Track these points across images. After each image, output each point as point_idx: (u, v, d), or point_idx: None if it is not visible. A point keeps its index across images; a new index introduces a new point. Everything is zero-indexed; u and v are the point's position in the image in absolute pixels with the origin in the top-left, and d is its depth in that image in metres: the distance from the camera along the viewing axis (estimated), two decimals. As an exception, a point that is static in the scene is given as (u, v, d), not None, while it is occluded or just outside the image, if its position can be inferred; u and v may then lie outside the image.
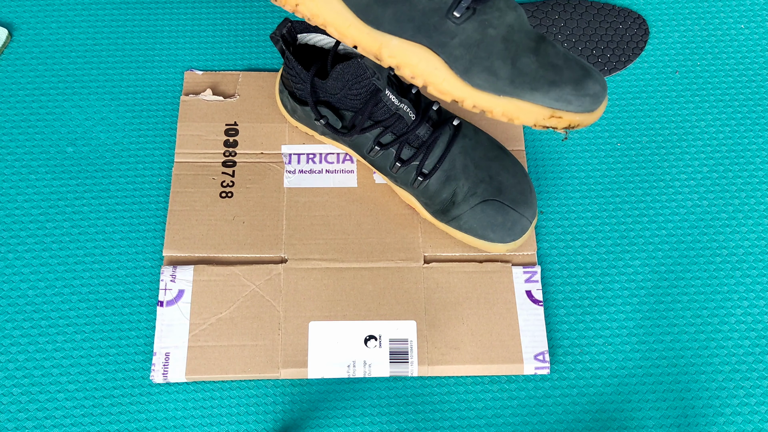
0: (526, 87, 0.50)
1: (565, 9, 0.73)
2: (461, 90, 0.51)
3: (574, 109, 0.51)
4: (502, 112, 0.51)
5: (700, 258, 0.64)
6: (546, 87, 0.50)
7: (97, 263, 0.62)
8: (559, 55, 0.52)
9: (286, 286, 0.60)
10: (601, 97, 0.51)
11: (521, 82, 0.50)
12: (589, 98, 0.51)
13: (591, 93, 0.51)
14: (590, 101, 0.51)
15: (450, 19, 0.50)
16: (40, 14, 0.72)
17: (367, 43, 0.51)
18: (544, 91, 0.50)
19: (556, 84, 0.50)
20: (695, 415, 0.58)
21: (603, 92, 0.52)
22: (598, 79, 0.51)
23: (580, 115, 0.51)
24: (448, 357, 0.58)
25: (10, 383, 0.58)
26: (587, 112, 0.51)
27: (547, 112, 0.51)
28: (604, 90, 0.52)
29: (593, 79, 0.51)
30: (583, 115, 0.51)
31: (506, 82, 0.51)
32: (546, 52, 0.51)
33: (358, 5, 0.51)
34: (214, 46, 0.71)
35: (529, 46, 0.51)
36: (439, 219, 0.61)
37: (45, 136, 0.67)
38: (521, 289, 0.61)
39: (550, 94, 0.50)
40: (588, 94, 0.51)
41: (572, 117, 0.51)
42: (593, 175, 0.67)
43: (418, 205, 0.62)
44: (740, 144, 0.69)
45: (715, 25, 0.74)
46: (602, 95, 0.51)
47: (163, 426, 0.57)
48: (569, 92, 0.50)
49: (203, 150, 0.66)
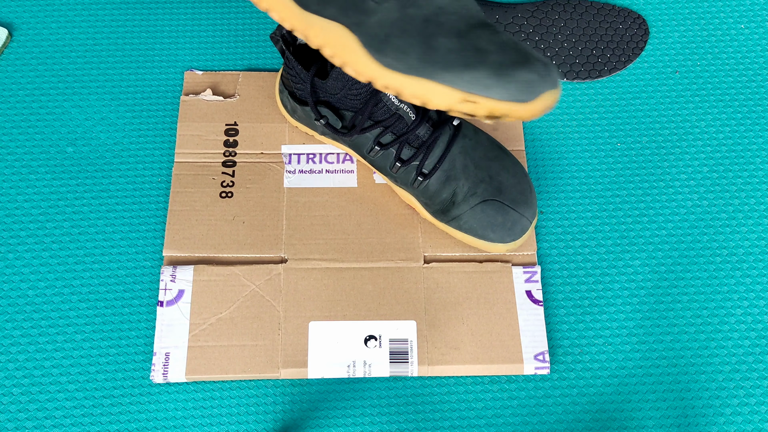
0: (438, 66, 0.49)
1: (565, 9, 0.73)
2: (373, 69, 0.50)
3: (494, 95, 0.48)
4: (412, 92, 0.50)
5: (700, 258, 0.64)
6: (459, 68, 0.48)
7: (97, 263, 0.62)
8: (493, 41, 0.49)
9: (286, 286, 0.60)
10: (538, 87, 0.48)
11: (433, 61, 0.49)
12: (515, 85, 0.47)
13: (519, 80, 0.47)
14: (517, 89, 0.48)
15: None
16: (40, 14, 0.72)
17: (299, 25, 0.52)
18: (457, 72, 0.48)
19: (472, 66, 0.48)
20: (695, 415, 0.58)
21: (541, 82, 0.48)
22: (537, 69, 0.48)
23: (504, 103, 0.48)
24: (448, 357, 0.58)
25: (10, 383, 0.58)
26: (516, 102, 0.48)
27: (459, 95, 0.48)
28: (544, 80, 0.48)
29: (528, 67, 0.48)
30: (510, 105, 0.48)
31: (416, 61, 0.49)
32: (477, 36, 0.49)
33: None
34: (214, 46, 0.71)
35: (456, 29, 0.49)
36: (439, 219, 0.61)
37: (45, 136, 0.67)
38: (521, 289, 0.61)
39: (464, 76, 0.48)
40: (515, 81, 0.47)
41: (492, 104, 0.48)
42: (593, 175, 0.67)
43: (418, 205, 0.62)
44: (740, 144, 0.69)
45: (715, 25, 0.74)
46: (539, 85, 0.48)
47: (163, 426, 0.57)
48: (487, 76, 0.48)
49: (203, 150, 0.66)
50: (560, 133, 0.69)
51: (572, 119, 0.69)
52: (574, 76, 0.71)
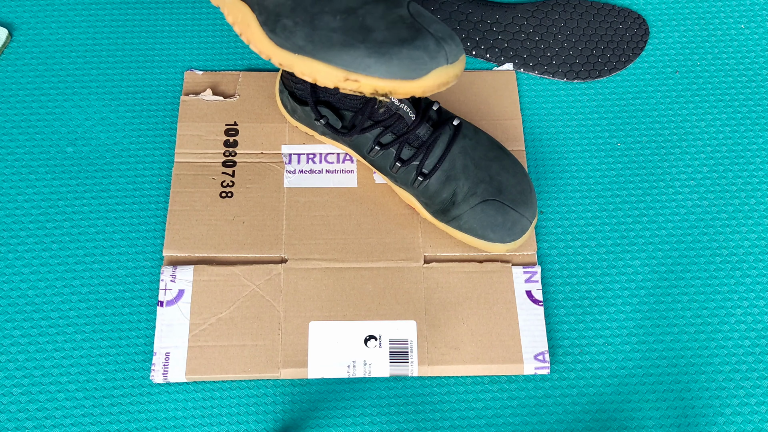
0: (319, 46, 0.49)
1: (565, 9, 0.73)
2: (268, 47, 0.52)
3: (375, 74, 0.48)
4: (301, 71, 0.51)
5: (700, 258, 0.64)
6: (338, 48, 0.49)
7: (97, 263, 0.62)
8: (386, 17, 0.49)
9: (286, 286, 0.60)
10: (426, 64, 0.48)
11: (315, 41, 0.50)
12: (398, 63, 0.47)
13: (403, 58, 0.47)
14: (401, 67, 0.48)
15: None
16: (40, 14, 0.72)
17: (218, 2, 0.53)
18: (336, 52, 0.49)
19: (351, 46, 0.48)
20: (695, 415, 0.58)
21: (428, 60, 0.48)
22: (425, 46, 0.48)
23: (387, 81, 0.48)
24: (448, 357, 0.58)
25: (10, 383, 0.58)
26: (401, 80, 0.48)
27: (341, 74, 0.49)
28: (433, 58, 0.48)
29: (412, 45, 0.48)
30: (394, 83, 0.48)
31: (301, 40, 0.50)
32: (367, 12, 0.50)
33: None
34: (214, 46, 0.71)
35: (346, 6, 0.50)
36: (439, 219, 0.61)
37: (45, 136, 0.67)
38: (521, 289, 0.61)
39: (343, 57, 0.49)
40: (397, 59, 0.47)
41: (374, 82, 0.49)
42: (593, 175, 0.67)
43: (418, 205, 0.62)
44: (740, 144, 0.69)
45: (715, 25, 0.74)
46: (427, 63, 0.48)
47: (163, 426, 0.57)
48: (366, 55, 0.48)
49: (203, 150, 0.66)
50: (560, 133, 0.69)
51: (572, 119, 0.69)
52: (574, 76, 0.71)
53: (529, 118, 0.69)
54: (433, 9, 0.72)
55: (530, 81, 0.71)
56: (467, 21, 0.72)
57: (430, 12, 0.67)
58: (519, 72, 0.71)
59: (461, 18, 0.72)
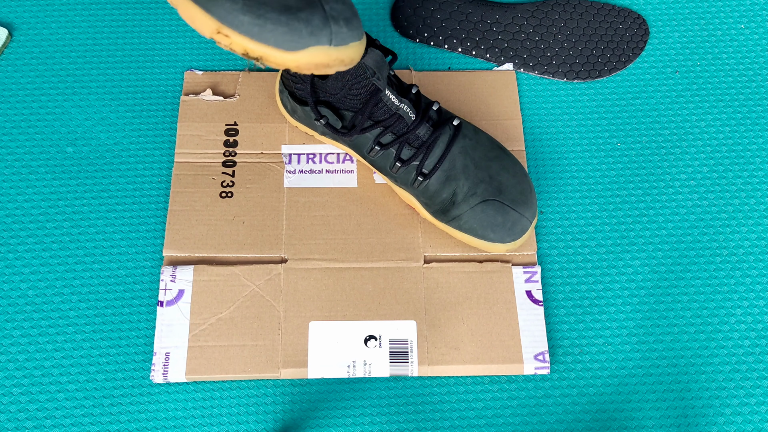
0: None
1: (565, 9, 0.73)
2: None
3: (248, 34, 0.45)
4: (183, 13, 0.47)
5: (700, 258, 0.64)
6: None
7: (97, 263, 0.62)
8: None
9: (286, 286, 0.60)
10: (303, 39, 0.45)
11: None
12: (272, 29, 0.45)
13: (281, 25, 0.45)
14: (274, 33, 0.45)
15: None
16: (40, 14, 0.72)
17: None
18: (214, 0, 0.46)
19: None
20: (695, 415, 0.58)
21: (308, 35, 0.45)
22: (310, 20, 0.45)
23: (259, 45, 0.45)
24: (448, 357, 0.58)
25: (10, 383, 0.58)
26: (274, 47, 0.45)
27: (214, 24, 0.46)
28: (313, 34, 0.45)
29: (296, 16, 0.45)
30: (266, 49, 0.45)
31: None
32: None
33: None
34: (214, 46, 0.71)
35: None
36: (439, 219, 0.61)
37: (45, 136, 0.67)
38: (521, 289, 0.61)
39: (219, 6, 0.45)
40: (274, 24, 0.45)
41: (246, 43, 0.46)
42: (593, 175, 0.67)
43: (418, 205, 0.62)
44: (740, 144, 0.69)
45: (715, 25, 0.74)
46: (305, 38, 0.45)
47: (163, 426, 0.57)
48: (240, 11, 0.45)
49: (203, 150, 0.66)
50: (560, 133, 0.69)
51: (572, 119, 0.69)
52: (574, 76, 0.71)
53: (529, 118, 0.69)
54: (433, 9, 0.72)
55: (530, 81, 0.71)
56: (467, 21, 0.72)
57: None
58: (519, 72, 0.71)
59: (461, 18, 0.72)
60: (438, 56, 0.71)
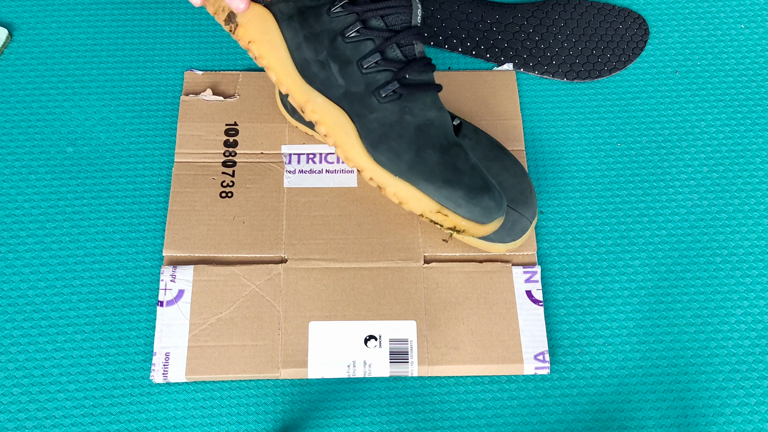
0: (422, 176, 0.54)
1: (565, 9, 0.73)
2: (364, 161, 0.55)
3: (462, 213, 0.54)
4: (395, 192, 0.55)
5: (700, 258, 0.64)
6: (440, 182, 0.54)
7: (97, 263, 0.62)
8: (467, 162, 0.55)
9: (286, 286, 0.60)
10: (494, 213, 0.54)
11: (419, 171, 0.54)
12: (480, 209, 0.53)
13: (483, 205, 0.53)
14: (481, 212, 0.54)
15: (375, 96, 0.54)
16: (40, 14, 0.72)
17: (298, 94, 0.55)
18: (438, 186, 0.53)
19: (451, 184, 0.53)
20: (695, 415, 0.58)
21: (497, 210, 0.54)
22: (495, 197, 0.54)
23: (467, 222, 0.54)
24: (448, 357, 0.58)
25: (10, 383, 0.58)
26: (476, 222, 0.54)
27: (435, 206, 0.54)
28: (499, 209, 0.54)
29: (490, 195, 0.54)
30: (471, 224, 0.54)
31: (405, 166, 0.54)
32: (455, 155, 0.54)
33: (300, 60, 0.54)
34: (214, 46, 0.71)
35: (440, 144, 0.54)
36: (439, 219, 0.62)
37: (45, 136, 0.67)
38: (521, 289, 0.61)
39: (442, 191, 0.53)
40: (480, 206, 0.53)
41: (459, 220, 0.54)
42: (593, 175, 0.67)
43: (419, 206, 0.62)
44: (740, 144, 0.69)
45: (715, 25, 0.74)
46: (495, 212, 0.54)
47: (163, 426, 0.57)
48: (461, 196, 0.53)
49: (203, 150, 0.66)
50: (560, 133, 0.69)
51: (572, 119, 0.69)
52: (574, 76, 0.71)
53: (529, 118, 0.69)
54: (433, 9, 0.72)
55: (530, 81, 0.71)
56: (467, 21, 0.72)
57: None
58: (519, 72, 0.71)
59: (461, 18, 0.72)
60: (438, 56, 0.71)
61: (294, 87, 0.55)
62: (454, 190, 0.53)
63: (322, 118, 0.55)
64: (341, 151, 0.55)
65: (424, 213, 0.55)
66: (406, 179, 0.54)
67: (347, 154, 0.55)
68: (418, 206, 0.55)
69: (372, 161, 0.55)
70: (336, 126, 0.55)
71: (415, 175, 0.54)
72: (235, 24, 0.56)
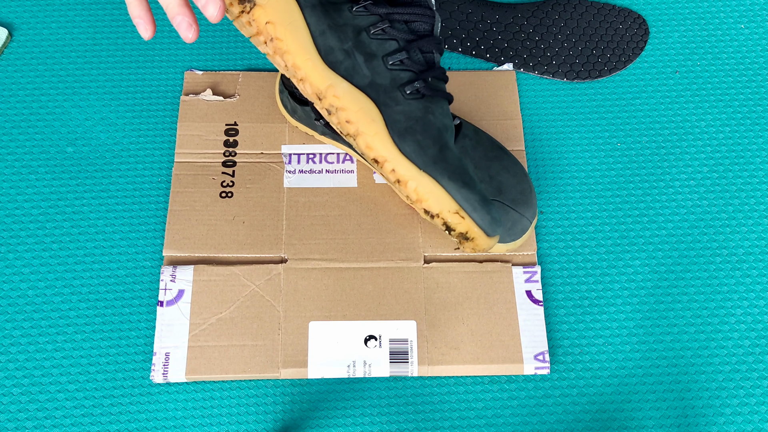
0: (446, 173, 0.54)
1: (565, 9, 0.73)
2: (389, 150, 0.54)
3: (476, 218, 0.54)
4: (416, 187, 0.54)
5: (700, 258, 0.64)
6: (461, 183, 0.54)
7: (97, 263, 0.62)
8: (474, 174, 0.56)
9: (286, 286, 0.60)
10: (497, 227, 0.55)
11: (444, 167, 0.54)
12: (489, 218, 0.54)
13: (492, 215, 0.54)
14: (490, 222, 0.54)
15: (400, 92, 0.54)
16: (40, 14, 0.72)
17: (318, 80, 0.53)
18: (458, 186, 0.54)
19: (469, 187, 0.54)
20: (695, 415, 0.58)
21: (498, 224, 0.55)
22: (498, 212, 0.55)
23: (478, 229, 0.54)
24: (448, 357, 0.58)
25: (10, 383, 0.58)
26: (484, 232, 0.54)
27: (455, 205, 0.54)
28: (499, 225, 0.55)
29: (494, 208, 0.55)
30: (480, 232, 0.54)
31: (430, 161, 0.54)
32: (466, 164, 0.56)
33: (324, 46, 0.53)
34: (214, 46, 0.71)
35: (455, 151, 0.56)
36: (439, 219, 0.62)
37: (45, 136, 0.67)
38: (521, 289, 0.61)
39: (462, 192, 0.54)
40: (490, 214, 0.54)
41: (472, 226, 0.54)
42: (593, 175, 0.67)
43: (418, 205, 0.62)
44: (740, 144, 0.69)
45: (715, 25, 0.74)
46: (497, 226, 0.55)
47: (163, 426, 0.57)
48: (477, 200, 0.54)
49: (203, 150, 0.66)
50: (560, 133, 0.69)
51: (572, 119, 0.69)
52: (574, 76, 0.71)
53: (529, 118, 0.69)
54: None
55: (530, 81, 0.71)
56: (467, 21, 0.72)
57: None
58: (519, 72, 0.71)
59: (461, 18, 0.72)
60: (438, 56, 0.71)
61: (314, 72, 0.53)
62: (472, 194, 0.54)
63: (346, 104, 0.53)
64: (363, 139, 0.54)
65: (441, 212, 0.54)
66: (431, 174, 0.53)
67: (370, 142, 0.54)
68: (437, 204, 0.54)
69: (397, 151, 0.54)
70: (361, 111, 0.53)
71: (440, 170, 0.53)
72: (252, 3, 0.53)
